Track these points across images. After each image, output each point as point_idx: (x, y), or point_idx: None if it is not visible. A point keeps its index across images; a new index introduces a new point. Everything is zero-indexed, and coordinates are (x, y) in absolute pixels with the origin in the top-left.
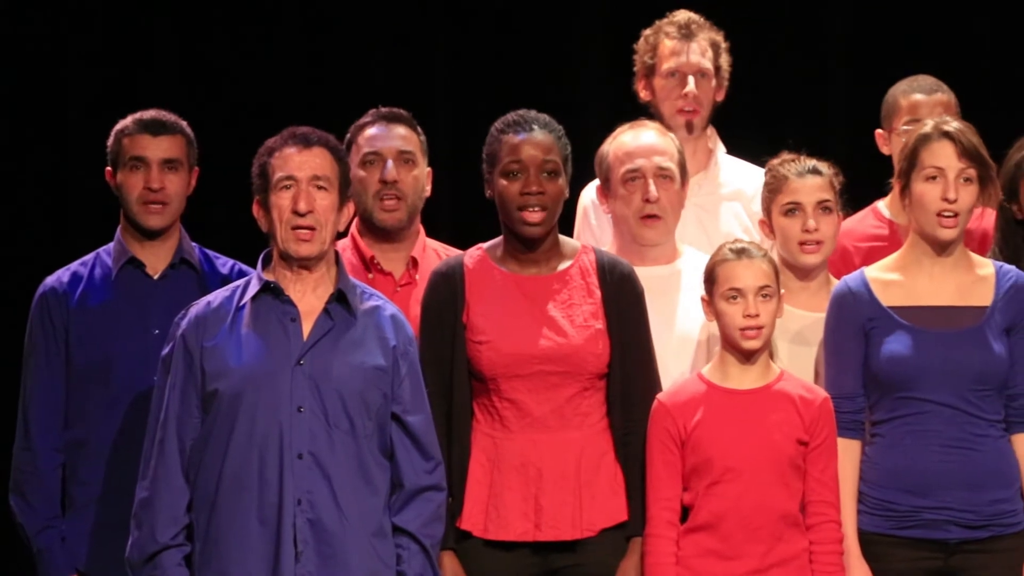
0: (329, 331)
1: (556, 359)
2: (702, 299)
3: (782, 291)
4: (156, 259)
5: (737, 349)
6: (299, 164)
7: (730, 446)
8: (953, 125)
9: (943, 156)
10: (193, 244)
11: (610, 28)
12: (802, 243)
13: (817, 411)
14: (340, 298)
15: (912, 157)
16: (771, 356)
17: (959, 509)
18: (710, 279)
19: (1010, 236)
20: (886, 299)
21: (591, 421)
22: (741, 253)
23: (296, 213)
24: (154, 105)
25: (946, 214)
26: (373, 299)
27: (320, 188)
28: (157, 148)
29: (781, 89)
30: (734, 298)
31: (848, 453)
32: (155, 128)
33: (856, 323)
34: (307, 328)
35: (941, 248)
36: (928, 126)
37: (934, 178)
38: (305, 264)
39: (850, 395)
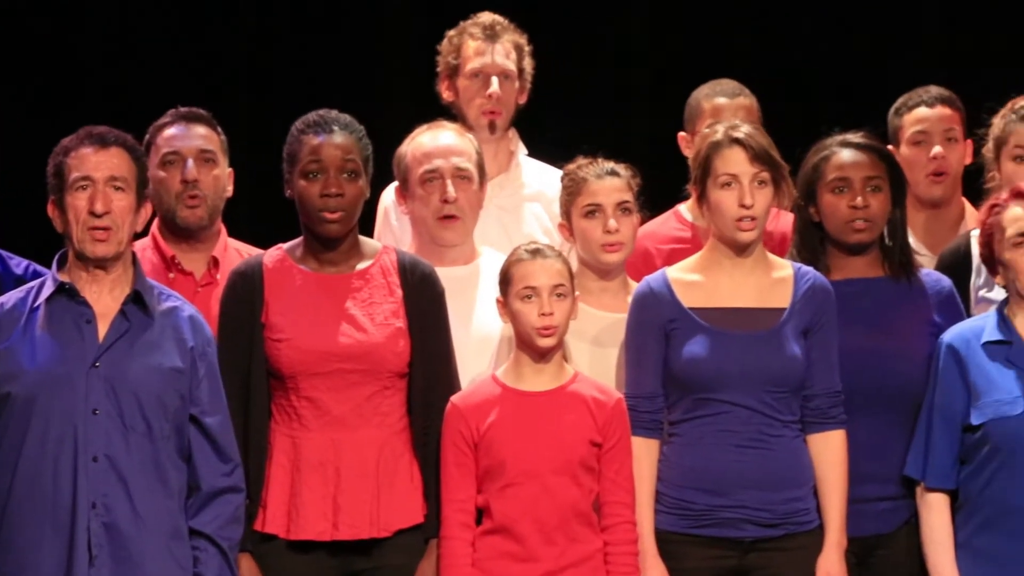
0: (125, 332)
1: (356, 357)
2: (497, 300)
3: (577, 292)
4: None
5: (532, 348)
6: (96, 164)
7: (523, 448)
8: (743, 130)
9: (735, 162)
10: None
11: (413, 29)
12: (604, 244)
13: (610, 412)
14: (137, 299)
15: (705, 164)
16: (565, 358)
17: (754, 508)
18: (505, 280)
19: (808, 238)
20: (687, 300)
21: (391, 421)
22: (535, 253)
23: (93, 214)
24: None
25: (744, 219)
26: (171, 300)
27: (117, 189)
28: None
29: (583, 91)
30: (529, 297)
31: (646, 453)
32: None
33: (657, 323)
34: (103, 330)
35: (740, 250)
36: (718, 133)
37: (729, 184)
38: (101, 265)
39: (649, 395)
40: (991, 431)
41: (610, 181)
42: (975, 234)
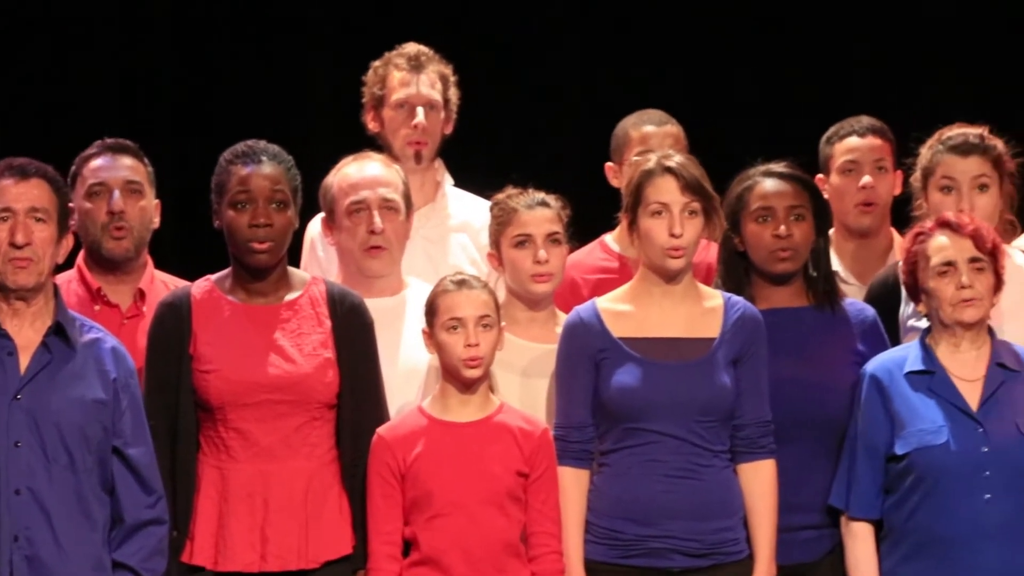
0: (47, 365)
1: (284, 387)
2: (423, 332)
3: (503, 323)
4: None
5: (458, 379)
6: (16, 196)
7: (450, 479)
8: (675, 160)
9: (666, 191)
10: None
11: (339, 59)
12: (533, 275)
13: (537, 443)
14: (59, 331)
15: (637, 193)
16: (491, 388)
17: (683, 538)
18: (431, 311)
19: (733, 268)
20: (617, 330)
21: (319, 452)
22: (461, 284)
23: (13, 245)
24: None
25: (673, 248)
26: (93, 332)
27: (38, 220)
28: None
29: (510, 122)
30: (455, 328)
31: (576, 483)
32: None
33: (587, 353)
34: (24, 362)
35: (670, 279)
36: (651, 162)
37: (659, 213)
38: (22, 296)
39: (579, 425)
40: (915, 461)
41: (540, 212)
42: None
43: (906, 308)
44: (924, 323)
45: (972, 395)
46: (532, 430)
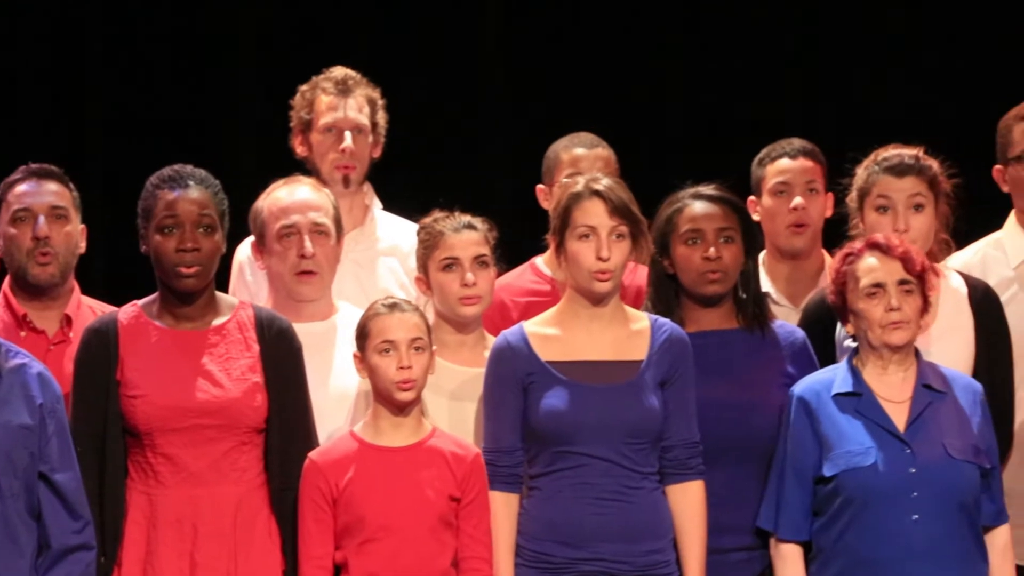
0: None
1: (213, 412)
2: (355, 355)
3: (434, 346)
4: None
5: (391, 402)
6: None
7: (382, 504)
8: (603, 183)
9: (594, 214)
10: None
11: (267, 83)
12: (461, 298)
13: (469, 467)
14: None
15: (564, 215)
16: (423, 412)
17: (613, 560)
18: (362, 334)
19: (662, 290)
20: (544, 353)
21: (248, 476)
22: (393, 307)
23: None
24: None
25: (600, 271)
26: (18, 357)
27: None
28: None
29: (438, 145)
30: (387, 351)
31: (505, 507)
32: None
33: (515, 377)
34: None
35: (597, 302)
36: (579, 185)
37: (587, 236)
38: None
39: (508, 449)
40: (843, 483)
41: (467, 235)
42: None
43: (842, 329)
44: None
45: (899, 416)
46: (464, 454)
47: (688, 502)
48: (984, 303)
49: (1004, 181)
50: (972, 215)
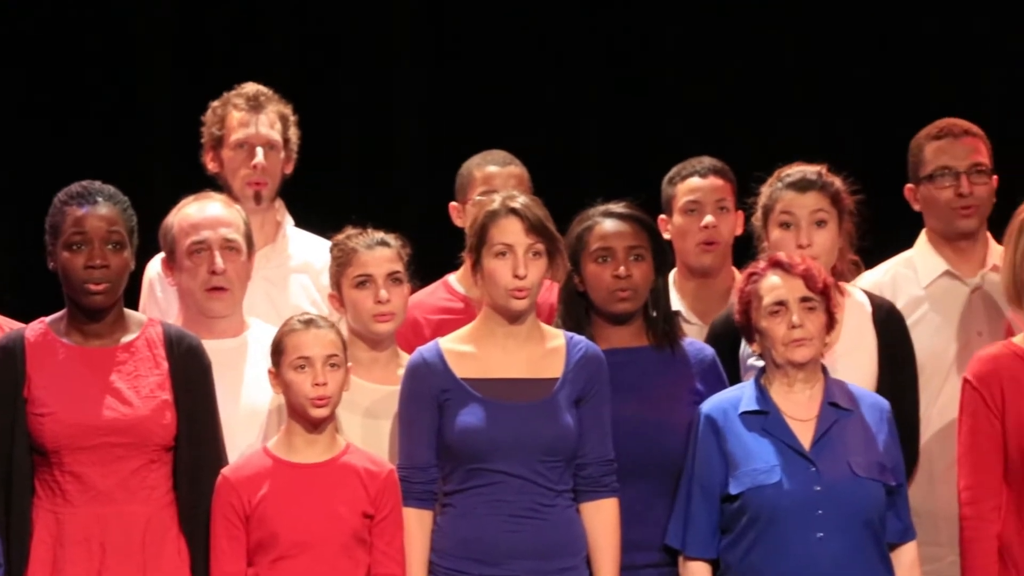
0: None
1: (121, 430)
2: (269, 372)
3: (350, 364)
4: None
5: (306, 419)
6: None
7: (296, 521)
8: (520, 201)
9: (511, 232)
10: None
11: (177, 98)
12: (375, 315)
13: (382, 484)
14: None
15: (481, 233)
16: (336, 429)
17: None
18: (277, 350)
19: (573, 308)
20: (460, 371)
21: (157, 494)
22: (309, 324)
23: None
24: None
25: (517, 289)
26: None
27: None
28: None
29: (351, 161)
30: (302, 367)
31: (419, 524)
32: None
33: (430, 394)
34: None
35: (513, 320)
36: (495, 202)
37: (504, 254)
38: None
39: (423, 466)
40: (749, 501)
41: (380, 251)
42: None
43: (746, 347)
44: (763, 362)
45: (805, 434)
46: (378, 471)
47: (602, 519)
48: (888, 322)
49: (916, 200)
50: (882, 234)
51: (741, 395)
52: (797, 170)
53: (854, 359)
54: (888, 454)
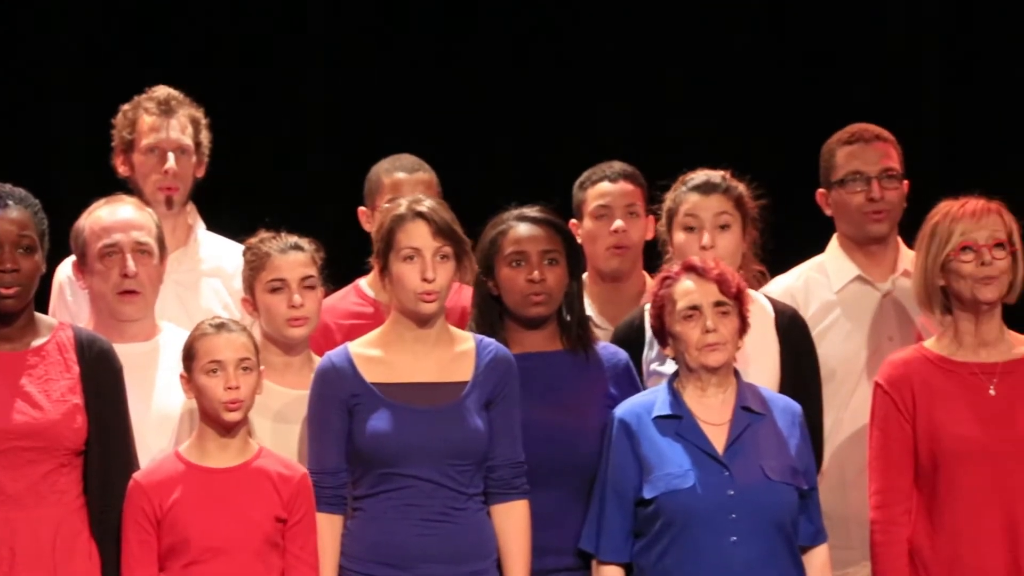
0: None
1: (32, 434)
2: (181, 376)
3: (262, 367)
4: None
5: (218, 423)
6: None
7: (208, 525)
8: (426, 204)
9: (418, 236)
10: None
11: (89, 101)
12: (289, 319)
13: (295, 488)
14: None
15: (388, 238)
16: (249, 433)
17: None
18: (189, 355)
19: (487, 312)
20: (369, 375)
21: (67, 499)
22: (221, 327)
23: None
24: None
25: (426, 293)
26: None
27: None
28: None
29: (263, 165)
30: (214, 371)
31: (329, 527)
32: None
33: (339, 399)
34: None
35: (422, 324)
36: (402, 207)
37: (411, 258)
38: None
39: (332, 471)
40: (663, 505)
41: (294, 256)
42: (648, 307)
43: (649, 352)
44: (667, 367)
45: (718, 439)
46: (291, 475)
47: (512, 522)
48: (790, 328)
49: (828, 205)
50: (793, 239)
51: (655, 399)
52: (701, 174)
53: (756, 365)
54: (800, 458)
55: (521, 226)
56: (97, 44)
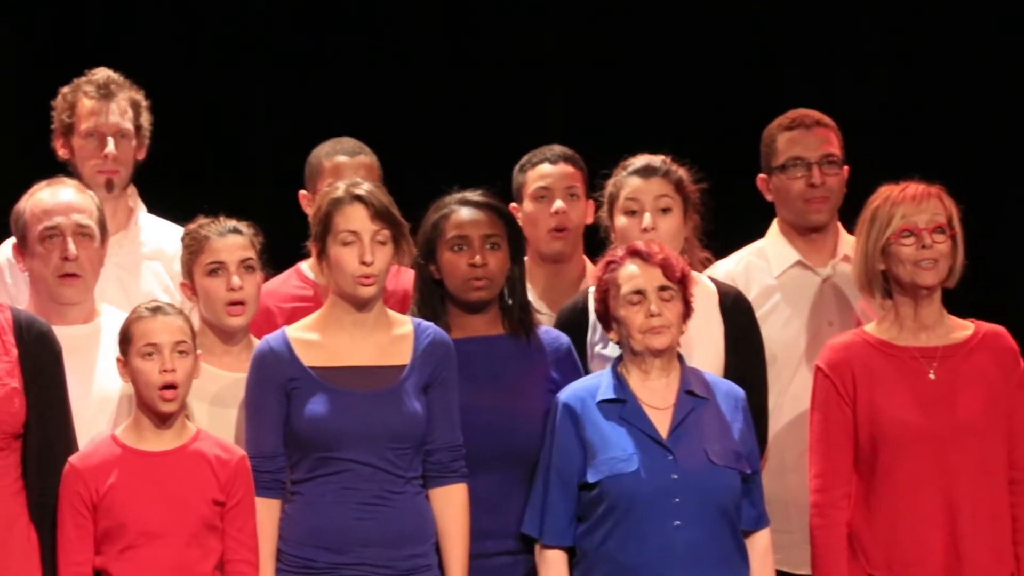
0: None
1: None
2: (117, 360)
3: (199, 351)
4: None
5: (153, 410)
6: None
7: (145, 509)
8: (364, 188)
9: (356, 219)
10: None
11: (28, 83)
12: (227, 302)
13: (233, 470)
14: None
15: (326, 221)
16: (187, 416)
17: (375, 565)
18: (125, 338)
19: (428, 296)
20: (307, 359)
21: (6, 483)
22: (156, 311)
23: None
24: None
25: (364, 276)
26: None
27: None
28: None
29: (201, 148)
30: (150, 355)
31: (267, 512)
32: None
33: (277, 382)
34: None
35: (360, 307)
36: (340, 190)
37: (350, 241)
38: None
39: (270, 455)
40: (607, 489)
41: (232, 239)
42: (592, 291)
43: (593, 335)
44: (610, 351)
45: (662, 423)
46: (229, 458)
47: (451, 505)
48: (734, 309)
49: (768, 190)
50: (734, 224)
51: (599, 383)
52: (641, 159)
53: (700, 347)
54: (743, 442)
55: (463, 210)
56: (40, 25)
